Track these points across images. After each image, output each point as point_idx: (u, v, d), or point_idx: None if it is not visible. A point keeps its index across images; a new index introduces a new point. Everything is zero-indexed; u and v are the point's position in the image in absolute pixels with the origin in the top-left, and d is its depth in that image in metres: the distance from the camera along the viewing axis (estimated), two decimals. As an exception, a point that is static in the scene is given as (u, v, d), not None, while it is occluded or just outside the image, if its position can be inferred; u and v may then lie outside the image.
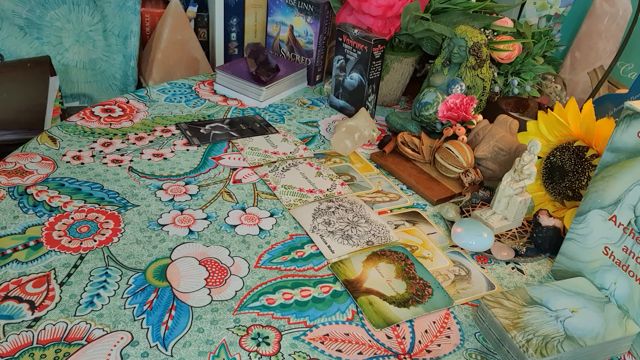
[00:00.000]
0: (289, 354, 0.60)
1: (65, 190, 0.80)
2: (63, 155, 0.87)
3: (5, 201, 0.76)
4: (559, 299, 0.67)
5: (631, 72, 1.28)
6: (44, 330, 0.59)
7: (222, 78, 1.15)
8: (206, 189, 0.85)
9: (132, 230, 0.74)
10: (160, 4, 1.36)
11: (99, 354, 0.57)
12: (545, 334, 0.62)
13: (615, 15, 1.23)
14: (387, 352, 0.62)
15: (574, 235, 0.74)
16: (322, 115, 1.12)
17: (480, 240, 0.79)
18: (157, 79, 1.30)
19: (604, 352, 0.64)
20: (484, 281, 0.75)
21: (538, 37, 1.16)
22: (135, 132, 0.96)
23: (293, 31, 1.22)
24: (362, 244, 0.78)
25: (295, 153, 0.97)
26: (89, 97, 1.32)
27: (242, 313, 0.64)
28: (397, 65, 1.15)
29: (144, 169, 0.87)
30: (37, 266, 0.67)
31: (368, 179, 0.93)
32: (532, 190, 0.90)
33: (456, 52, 1.02)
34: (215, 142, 0.97)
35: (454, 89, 1.01)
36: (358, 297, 0.69)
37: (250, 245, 0.75)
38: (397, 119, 1.06)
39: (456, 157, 0.91)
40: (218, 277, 0.69)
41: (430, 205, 0.89)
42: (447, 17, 1.08)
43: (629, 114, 0.65)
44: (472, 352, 0.64)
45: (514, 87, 1.10)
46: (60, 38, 1.24)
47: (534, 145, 0.78)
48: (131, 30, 1.28)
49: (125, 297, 0.64)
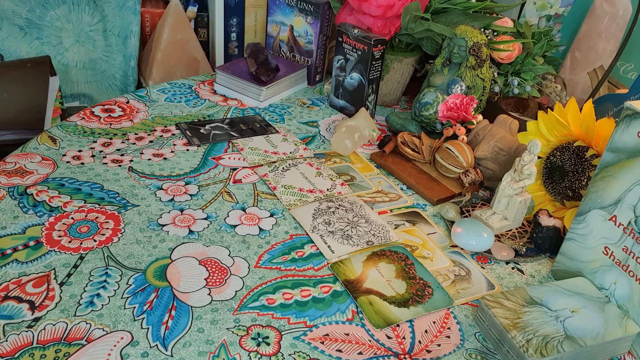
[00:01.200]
0: (289, 354, 0.60)
1: (65, 190, 0.80)
2: (63, 155, 0.87)
3: (5, 201, 0.76)
4: (559, 299, 0.67)
5: (631, 72, 1.28)
6: (44, 330, 0.59)
7: (222, 78, 1.15)
8: (206, 189, 0.85)
9: (132, 230, 0.74)
10: (160, 4, 1.36)
11: (99, 354, 0.57)
12: (545, 334, 0.62)
13: (615, 15, 1.23)
14: (387, 352, 0.62)
15: (574, 235, 0.74)
16: (322, 115, 1.12)
17: (480, 240, 0.79)
18: (157, 79, 1.30)
19: (604, 352, 0.64)
20: (484, 281, 0.75)
21: (538, 37, 1.16)
22: (135, 132, 0.96)
23: (293, 31, 1.22)
24: (362, 244, 0.78)
25: (295, 153, 0.97)
26: (89, 97, 1.32)
27: (242, 313, 0.64)
28: (397, 65, 1.15)
29: (144, 169, 0.87)
30: (37, 266, 0.67)
31: (368, 179, 0.93)
32: (532, 190, 0.90)
33: (456, 52, 1.02)
34: (215, 142, 0.97)
35: (454, 89, 1.01)
36: (358, 297, 0.69)
37: (250, 245, 0.75)
38: (397, 119, 1.06)
39: (456, 157, 0.91)
40: (218, 277, 0.69)
41: (430, 205, 0.89)
42: (447, 17, 1.08)
43: (629, 114, 0.65)
44: (472, 352, 0.64)
45: (514, 87, 1.10)
46: (60, 38, 1.24)
47: (534, 145, 0.78)
48: (131, 30, 1.28)
49: (125, 297, 0.64)
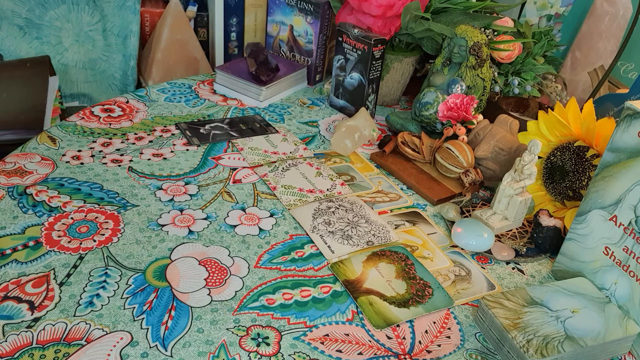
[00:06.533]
0: (289, 354, 0.60)
1: (65, 190, 0.80)
2: (62, 155, 0.87)
3: (5, 201, 0.76)
4: (560, 299, 0.67)
5: (632, 72, 1.28)
6: (43, 330, 0.59)
7: (222, 78, 1.15)
8: (206, 189, 0.85)
9: (131, 230, 0.74)
10: (160, 3, 1.36)
11: (98, 354, 0.57)
12: (545, 334, 0.62)
13: (615, 15, 1.23)
14: (387, 353, 0.62)
15: (575, 236, 0.74)
16: (322, 115, 1.12)
17: (481, 240, 0.78)
18: (156, 78, 1.30)
19: (604, 353, 0.64)
20: (484, 281, 0.75)
21: (538, 37, 1.16)
22: (135, 132, 0.96)
23: (293, 31, 1.21)
24: (362, 244, 0.77)
25: (295, 153, 0.97)
26: (89, 97, 1.32)
27: (242, 313, 0.64)
28: (397, 65, 1.15)
29: (143, 169, 0.87)
30: (37, 266, 0.67)
31: (368, 179, 0.93)
32: (533, 190, 0.90)
33: (456, 51, 1.02)
34: (215, 142, 0.97)
35: (454, 89, 1.01)
36: (358, 297, 0.68)
37: (250, 246, 0.75)
38: (397, 118, 1.06)
39: (456, 157, 0.91)
40: (218, 277, 0.69)
41: (430, 205, 0.89)
42: (448, 17, 1.08)
43: (630, 113, 0.65)
44: (473, 352, 0.64)
45: (514, 87, 1.10)
46: (60, 38, 1.24)
47: (534, 145, 0.78)
48: (131, 30, 1.28)
49: (125, 297, 0.64)
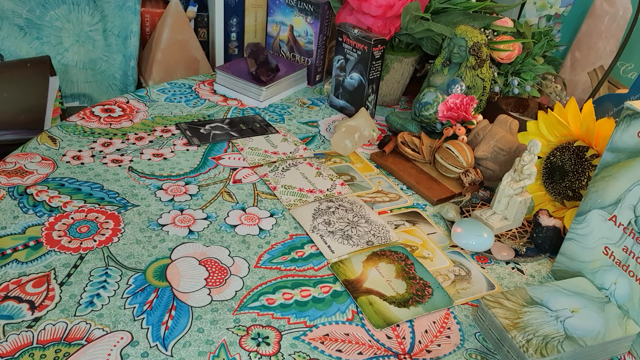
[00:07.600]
0: (289, 354, 0.60)
1: (65, 190, 0.80)
2: (63, 155, 0.87)
3: (5, 201, 0.76)
4: (559, 299, 0.67)
5: (631, 72, 1.28)
6: (43, 330, 0.59)
7: (222, 78, 1.15)
8: (206, 189, 0.85)
9: (132, 230, 0.74)
10: (160, 4, 1.36)
11: (99, 354, 0.57)
12: (545, 334, 0.62)
13: (615, 15, 1.23)
14: (387, 352, 0.62)
15: (574, 235, 0.74)
16: (322, 115, 1.12)
17: (480, 240, 0.78)
18: (157, 79, 1.30)
19: (604, 352, 0.64)
20: (484, 281, 0.75)
21: (538, 37, 1.16)
22: (135, 132, 0.96)
23: (293, 31, 1.22)
24: (362, 244, 0.77)
25: (295, 153, 0.97)
26: (89, 97, 1.32)
27: (242, 313, 0.64)
28: (397, 65, 1.15)
29: (143, 169, 0.87)
30: (37, 266, 0.67)
31: (368, 179, 0.93)
32: (532, 190, 0.90)
33: (456, 52, 1.02)
34: (215, 142, 0.97)
35: (454, 89, 1.01)
36: (358, 297, 0.68)
37: (250, 245, 0.75)
38: (397, 119, 1.06)
39: (456, 157, 0.91)
40: (218, 277, 0.69)
41: (430, 205, 0.89)
42: (447, 17, 1.08)
43: (629, 114, 0.65)
44: (472, 352, 0.64)
45: (514, 87, 1.10)
46: (60, 38, 1.24)
47: (534, 145, 0.78)
48: (131, 30, 1.28)
49: (125, 297, 0.64)
